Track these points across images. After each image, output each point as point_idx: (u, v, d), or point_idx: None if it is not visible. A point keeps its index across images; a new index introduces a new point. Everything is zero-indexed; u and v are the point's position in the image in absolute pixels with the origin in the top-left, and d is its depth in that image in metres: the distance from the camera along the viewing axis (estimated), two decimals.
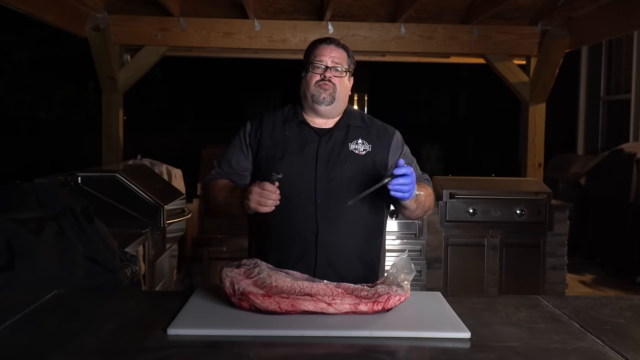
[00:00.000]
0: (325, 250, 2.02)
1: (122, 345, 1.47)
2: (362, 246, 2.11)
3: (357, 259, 2.10)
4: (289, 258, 2.02)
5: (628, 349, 1.46)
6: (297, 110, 2.17)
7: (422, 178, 2.20)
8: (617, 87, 8.18)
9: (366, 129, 2.16)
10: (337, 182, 2.05)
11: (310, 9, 5.14)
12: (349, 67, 2.15)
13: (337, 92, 2.10)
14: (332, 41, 2.14)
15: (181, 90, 19.07)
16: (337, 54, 2.12)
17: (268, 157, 2.10)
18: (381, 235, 2.22)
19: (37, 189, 2.50)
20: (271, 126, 2.15)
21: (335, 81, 2.09)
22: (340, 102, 2.12)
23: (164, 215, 3.54)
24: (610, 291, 5.41)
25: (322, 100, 2.08)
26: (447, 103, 18.23)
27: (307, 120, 2.14)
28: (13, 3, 3.83)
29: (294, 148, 2.10)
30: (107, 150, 5.28)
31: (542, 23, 5.25)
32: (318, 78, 2.09)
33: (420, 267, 4.47)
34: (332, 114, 2.13)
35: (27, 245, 2.15)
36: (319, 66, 2.10)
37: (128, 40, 5.19)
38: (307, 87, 2.11)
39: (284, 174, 1.96)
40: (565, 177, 7.24)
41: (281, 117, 2.17)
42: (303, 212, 2.03)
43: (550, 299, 1.88)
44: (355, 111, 2.23)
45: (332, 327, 1.55)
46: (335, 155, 2.08)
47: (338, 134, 2.13)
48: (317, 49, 2.12)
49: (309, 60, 2.13)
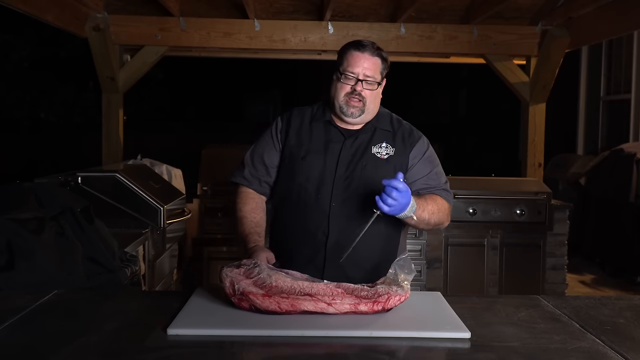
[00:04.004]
0: (335, 253, 1.98)
1: (122, 345, 1.47)
2: (373, 252, 2.06)
3: (368, 264, 2.05)
4: (300, 257, 2.02)
5: (628, 349, 1.46)
6: (325, 111, 2.13)
7: (439, 188, 2.11)
8: (617, 87, 8.18)
9: (392, 132, 2.11)
10: (354, 186, 2.02)
11: (310, 9, 5.13)
12: (382, 76, 2.07)
13: (366, 105, 2.04)
14: (366, 48, 2.04)
15: (181, 90, 19.06)
16: (371, 64, 2.03)
17: (292, 154, 2.09)
18: (394, 243, 2.14)
19: (37, 189, 2.50)
20: (299, 123, 2.13)
21: (365, 94, 2.03)
22: (369, 113, 2.07)
23: (164, 215, 3.54)
24: (610, 291, 5.41)
25: (351, 114, 2.04)
26: (447, 103, 18.22)
27: (334, 121, 2.11)
28: (13, 3, 3.83)
29: (317, 147, 2.07)
30: (107, 150, 5.27)
31: (542, 23, 5.25)
32: (348, 90, 2.02)
33: (420, 267, 4.47)
34: (360, 123, 2.09)
35: (27, 245, 2.15)
36: (350, 78, 2.02)
37: (128, 40, 5.19)
38: (336, 96, 2.04)
39: (303, 174, 1.99)
40: (565, 177, 7.24)
41: (309, 115, 2.14)
42: (317, 213, 2.02)
43: (550, 299, 1.88)
44: (385, 113, 2.17)
45: (332, 327, 1.56)
46: (357, 159, 2.05)
47: (363, 136, 2.09)
48: (351, 57, 2.03)
49: (341, 67, 2.04)
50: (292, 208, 2.03)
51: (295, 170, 2.07)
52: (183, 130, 17.16)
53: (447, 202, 2.10)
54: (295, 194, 2.06)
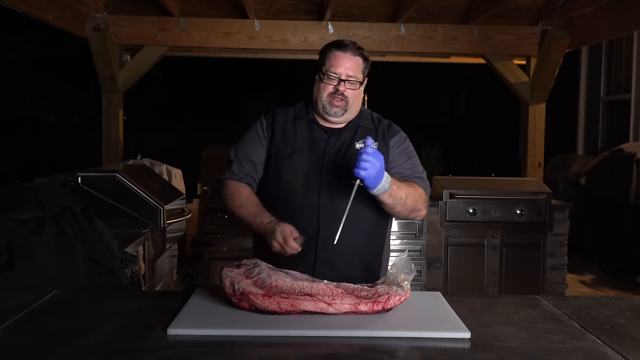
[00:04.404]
0: (325, 249, 2.01)
1: (122, 345, 1.47)
2: (363, 247, 2.11)
3: (358, 259, 2.09)
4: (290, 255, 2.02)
5: (628, 349, 1.46)
6: (308, 110, 2.17)
7: (414, 177, 2.15)
8: (617, 87, 8.17)
9: (374, 129, 2.16)
10: (341, 182, 2.03)
11: (310, 9, 5.14)
12: (363, 75, 2.10)
13: (349, 104, 2.08)
14: (348, 48, 2.08)
15: (181, 90, 19.08)
16: (352, 64, 2.07)
17: (278, 152, 2.11)
18: (384, 237, 2.20)
19: (37, 189, 2.50)
20: (283, 122, 2.16)
21: (348, 93, 2.07)
22: (352, 112, 2.12)
23: (164, 215, 3.54)
24: (610, 291, 5.41)
25: (334, 114, 2.08)
26: (447, 103, 18.22)
27: (317, 120, 2.15)
28: (13, 3, 3.83)
29: (302, 146, 2.10)
30: (107, 150, 5.28)
31: (542, 23, 5.25)
32: (331, 90, 2.07)
33: (420, 267, 4.47)
34: (343, 122, 2.14)
35: (27, 245, 2.15)
36: (332, 78, 2.06)
37: (128, 40, 5.19)
38: (319, 97, 2.09)
39: (289, 172, 2.01)
40: (565, 177, 7.24)
41: (293, 114, 2.17)
42: (306, 210, 2.04)
43: (550, 299, 1.88)
44: (366, 111, 2.22)
45: (332, 327, 1.55)
46: (341, 155, 2.09)
47: (347, 134, 2.13)
48: (333, 57, 2.07)
49: (323, 67, 2.08)
50: (281, 205, 2.04)
51: (281, 168, 2.09)
52: (183, 130, 17.18)
53: (424, 190, 2.13)
54: (283, 191, 2.08)
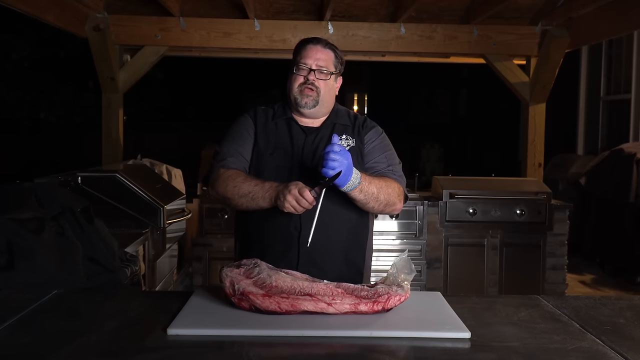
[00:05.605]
0: (308, 248, 2.00)
1: (122, 345, 1.47)
2: (346, 245, 2.11)
3: (341, 258, 2.10)
4: (272, 253, 2.02)
5: (628, 349, 1.46)
6: (285, 108, 2.20)
7: (387, 169, 2.14)
8: (617, 87, 8.18)
9: (351, 126, 2.19)
10: (321, 179, 2.03)
11: (310, 9, 5.13)
12: (335, 69, 2.14)
13: (320, 96, 2.11)
14: (318, 42, 2.13)
15: (181, 90, 19.09)
16: (323, 56, 2.11)
17: (260, 151, 2.13)
18: (367, 236, 2.21)
19: (37, 189, 2.50)
20: (264, 121, 2.19)
21: (319, 84, 2.10)
22: (324, 105, 2.14)
23: (164, 215, 3.54)
24: (610, 291, 5.41)
25: (305, 104, 2.11)
26: (447, 103, 18.22)
27: (295, 119, 2.17)
28: (13, 3, 3.83)
29: (282, 144, 2.13)
30: (107, 150, 5.28)
31: (542, 23, 5.25)
32: (302, 81, 2.11)
33: (420, 267, 4.47)
34: (316, 115, 2.16)
35: (27, 245, 2.15)
36: (303, 68, 2.10)
37: (128, 40, 5.19)
38: (291, 88, 2.13)
39: (271, 170, 2.03)
40: (565, 177, 7.24)
41: (272, 113, 2.20)
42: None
43: (550, 299, 1.88)
44: (343, 109, 2.25)
45: (332, 327, 1.56)
46: (319, 153, 2.08)
47: (324, 131, 2.15)
48: (303, 50, 2.12)
49: (295, 60, 2.13)
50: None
51: (263, 167, 2.10)
52: (183, 130, 17.19)
53: (398, 184, 2.11)
54: None
